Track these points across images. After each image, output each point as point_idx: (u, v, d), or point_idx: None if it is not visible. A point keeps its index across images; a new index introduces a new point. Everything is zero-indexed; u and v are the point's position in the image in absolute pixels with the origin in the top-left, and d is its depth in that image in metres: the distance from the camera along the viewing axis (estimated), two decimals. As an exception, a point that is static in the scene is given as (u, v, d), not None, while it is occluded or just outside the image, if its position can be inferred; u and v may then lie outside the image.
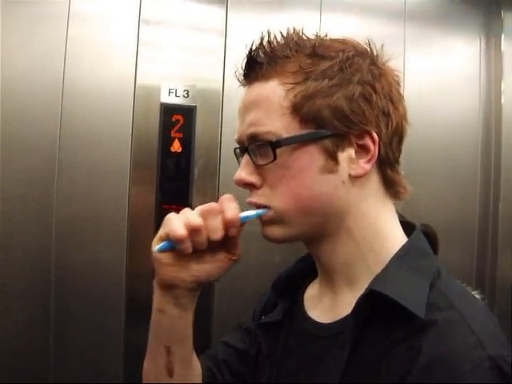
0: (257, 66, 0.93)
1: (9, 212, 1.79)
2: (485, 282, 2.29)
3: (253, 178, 0.94)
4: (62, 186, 1.82)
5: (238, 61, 1.91)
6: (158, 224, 1.80)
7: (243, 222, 0.94)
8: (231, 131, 1.85)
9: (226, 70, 1.90)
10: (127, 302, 1.81)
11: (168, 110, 1.77)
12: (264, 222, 0.95)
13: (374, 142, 0.90)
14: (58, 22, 1.87)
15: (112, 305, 1.83)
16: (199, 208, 0.93)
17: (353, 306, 0.90)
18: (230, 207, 0.92)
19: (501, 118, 2.34)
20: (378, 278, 0.89)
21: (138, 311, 1.80)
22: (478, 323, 0.83)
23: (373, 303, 0.86)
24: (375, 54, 0.95)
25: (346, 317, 0.92)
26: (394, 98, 0.94)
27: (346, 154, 0.90)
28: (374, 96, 0.90)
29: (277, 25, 1.99)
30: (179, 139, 1.78)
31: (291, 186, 0.91)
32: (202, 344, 1.12)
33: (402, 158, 0.96)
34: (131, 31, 1.89)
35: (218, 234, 0.91)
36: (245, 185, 0.95)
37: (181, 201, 1.77)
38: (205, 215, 0.91)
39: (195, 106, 1.81)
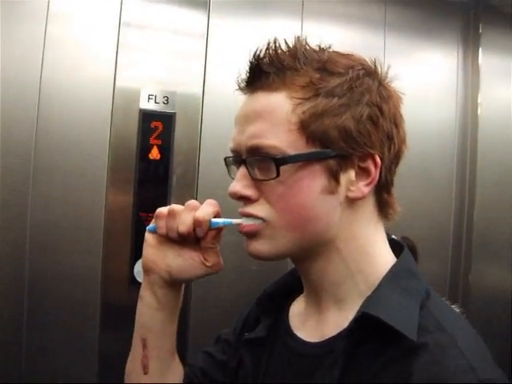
0: (262, 75, 0.90)
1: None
2: (458, 290, 2.31)
3: (249, 192, 0.91)
4: (37, 191, 1.80)
5: (219, 67, 1.91)
6: (135, 231, 1.80)
7: (213, 228, 0.96)
8: (210, 139, 1.87)
9: (206, 75, 1.89)
10: (102, 309, 1.78)
11: (147, 117, 1.74)
12: (250, 235, 0.92)
13: (375, 165, 0.89)
14: (36, 22, 1.84)
15: (87, 312, 1.81)
16: (188, 202, 0.96)
17: (341, 325, 0.89)
18: (204, 209, 0.95)
19: (477, 130, 2.37)
20: (369, 300, 0.88)
21: (113, 318, 1.79)
22: (468, 346, 0.83)
23: (365, 324, 0.86)
24: (382, 73, 0.94)
25: (334, 337, 0.91)
26: (397, 122, 0.93)
27: (347, 176, 0.89)
28: (380, 119, 0.89)
29: (258, 31, 2.02)
30: (158, 146, 1.76)
31: (291, 204, 0.89)
32: (178, 351, 1.12)
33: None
34: (111, 34, 1.86)
35: (183, 226, 0.94)
36: (239, 198, 0.92)
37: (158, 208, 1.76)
38: (186, 208, 0.95)
39: (174, 113, 1.79)
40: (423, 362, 0.79)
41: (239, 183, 0.91)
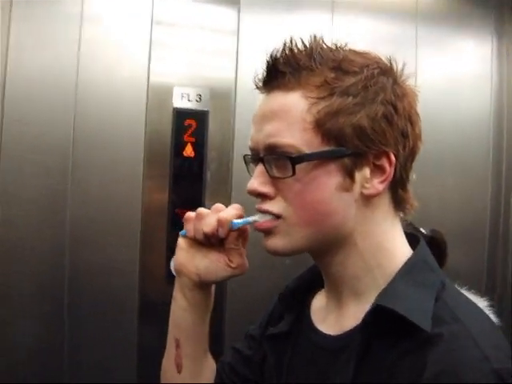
0: (279, 74, 0.92)
1: (22, 213, 1.82)
2: (495, 287, 2.30)
3: (266, 189, 0.93)
4: (75, 188, 1.84)
5: (250, 64, 1.91)
6: (171, 227, 1.83)
7: (235, 229, 0.99)
8: (244, 135, 1.87)
9: (238, 72, 1.90)
10: (140, 303, 1.83)
11: (181, 115, 1.77)
12: (266, 232, 0.95)
13: (390, 162, 0.91)
14: (71, 23, 1.88)
15: (125, 306, 1.85)
16: (214, 205, 1.01)
17: (359, 318, 0.91)
18: (227, 211, 0.99)
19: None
20: (384, 293, 0.90)
21: (151, 312, 1.83)
22: (483, 336, 0.84)
23: (379, 317, 0.88)
24: (397, 71, 0.95)
25: (352, 329, 0.94)
26: (412, 119, 0.94)
27: (362, 173, 0.91)
28: (395, 117, 0.90)
29: (289, 26, 2.02)
30: (192, 143, 1.79)
31: (307, 201, 0.91)
32: (214, 348, 1.16)
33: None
34: (144, 33, 1.89)
35: (207, 227, 0.98)
36: (257, 195, 0.95)
37: (193, 205, 1.77)
38: (212, 211, 1.00)
39: (208, 111, 1.81)
40: (438, 353, 0.81)
41: (257, 180, 0.93)
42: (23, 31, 1.84)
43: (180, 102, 1.79)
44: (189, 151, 1.78)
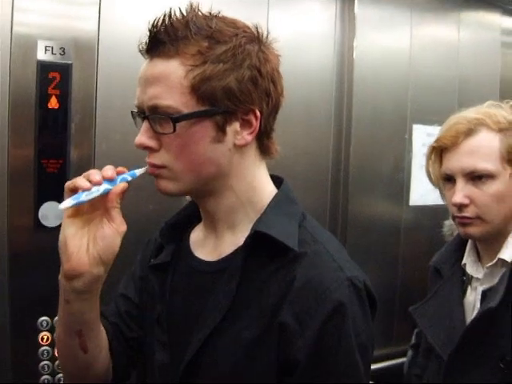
0: (159, 43, 1.05)
1: None
2: (337, 222, 2.58)
3: (152, 143, 1.08)
4: None
5: (113, 16, 1.95)
6: (37, 178, 1.86)
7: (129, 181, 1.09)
8: (106, 87, 1.94)
9: (100, 26, 1.93)
10: (10, 254, 1.85)
11: (44, 68, 1.80)
12: (159, 176, 1.10)
13: (256, 118, 1.09)
14: None
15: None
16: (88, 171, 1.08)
17: (235, 245, 1.11)
18: (108, 168, 1.08)
19: (352, 71, 2.57)
20: (259, 222, 1.11)
21: (21, 262, 1.86)
22: (337, 253, 1.10)
23: (255, 241, 1.07)
24: (262, 38, 1.12)
25: (230, 254, 1.13)
26: (275, 80, 1.12)
27: (233, 127, 1.09)
28: (259, 79, 1.09)
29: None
30: (56, 96, 1.83)
31: (187, 153, 1.07)
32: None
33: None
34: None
35: (99, 175, 1.04)
36: (144, 148, 1.09)
37: (59, 155, 1.84)
38: (91, 172, 1.07)
39: (71, 64, 1.85)
40: (304, 266, 1.05)
41: (143, 136, 1.09)
42: None
43: (44, 55, 1.80)
44: (53, 103, 1.82)
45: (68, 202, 1.02)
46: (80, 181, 1.03)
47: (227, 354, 1.07)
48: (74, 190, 1.04)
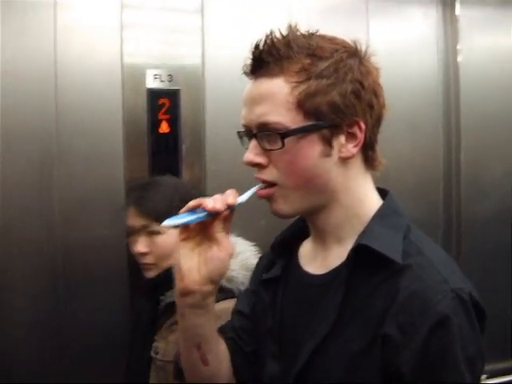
0: (263, 63, 1.09)
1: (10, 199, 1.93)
2: (452, 232, 2.46)
3: (260, 159, 1.11)
4: (61, 171, 1.95)
5: (216, 42, 2.01)
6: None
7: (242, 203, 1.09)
8: (213, 109, 2.01)
9: (205, 51, 2.01)
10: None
11: (154, 95, 1.89)
12: (269, 198, 1.12)
13: (360, 130, 1.10)
14: (45, 11, 1.95)
15: (116, 277, 1.98)
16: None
17: (342, 257, 1.10)
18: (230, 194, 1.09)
19: (458, 77, 2.49)
20: (363, 235, 1.10)
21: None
22: (442, 265, 1.07)
23: (360, 254, 1.07)
24: (361, 52, 1.13)
25: (336, 267, 1.13)
26: (377, 92, 1.13)
27: (339, 141, 1.09)
28: (362, 92, 1.09)
29: (249, 3, 2.11)
30: (166, 120, 1.91)
31: (295, 168, 1.09)
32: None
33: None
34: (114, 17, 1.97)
35: (219, 204, 1.05)
36: (253, 165, 1.12)
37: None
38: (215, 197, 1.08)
39: (179, 89, 1.93)
40: (408, 279, 1.03)
41: (252, 153, 1.12)
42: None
43: (152, 83, 1.89)
44: (164, 127, 1.91)
45: (169, 221, 1.07)
46: (207, 201, 1.07)
47: (334, 365, 1.07)
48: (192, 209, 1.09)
